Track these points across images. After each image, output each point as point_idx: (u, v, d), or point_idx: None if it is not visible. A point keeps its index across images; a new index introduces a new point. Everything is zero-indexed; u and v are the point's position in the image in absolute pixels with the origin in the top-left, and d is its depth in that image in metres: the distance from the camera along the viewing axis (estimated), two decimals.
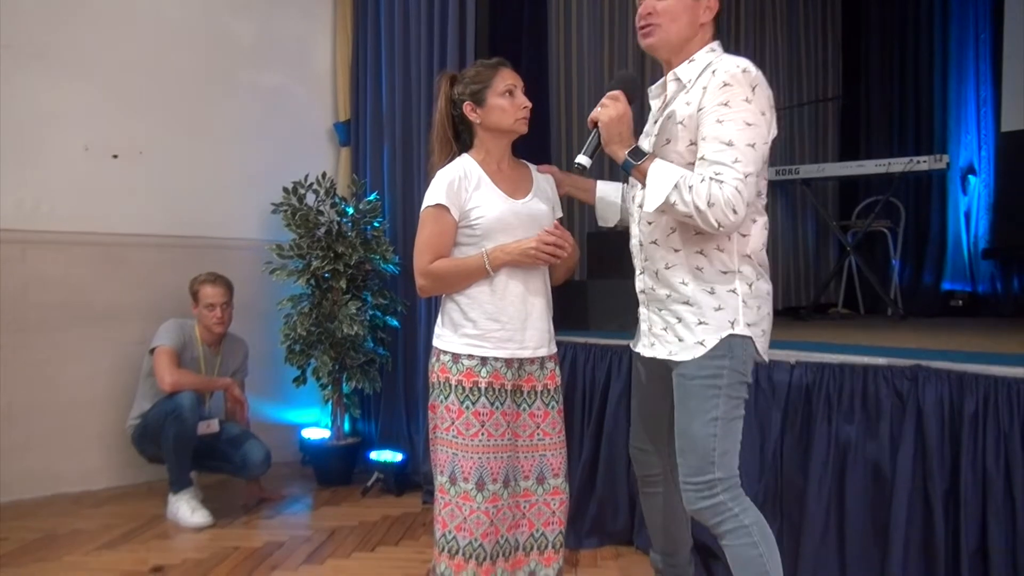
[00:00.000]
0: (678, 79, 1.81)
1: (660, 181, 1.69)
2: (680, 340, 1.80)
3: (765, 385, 2.44)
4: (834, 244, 5.92)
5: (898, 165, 4.84)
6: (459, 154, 2.09)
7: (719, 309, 1.76)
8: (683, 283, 1.79)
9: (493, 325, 2.00)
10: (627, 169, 1.76)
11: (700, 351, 1.76)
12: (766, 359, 1.85)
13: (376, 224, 3.79)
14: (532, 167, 2.18)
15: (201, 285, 3.43)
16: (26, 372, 3.52)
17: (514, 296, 2.02)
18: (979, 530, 2.01)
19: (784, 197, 5.73)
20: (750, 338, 1.77)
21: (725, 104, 1.66)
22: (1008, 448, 1.98)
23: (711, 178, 1.63)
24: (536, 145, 3.31)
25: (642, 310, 1.94)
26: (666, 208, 1.69)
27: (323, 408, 4.09)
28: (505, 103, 2.03)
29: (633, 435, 2.09)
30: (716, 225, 1.64)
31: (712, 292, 1.77)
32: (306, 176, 3.81)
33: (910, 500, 2.10)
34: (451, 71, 2.23)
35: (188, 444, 3.22)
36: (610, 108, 1.77)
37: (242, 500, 3.48)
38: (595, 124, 1.80)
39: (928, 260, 5.59)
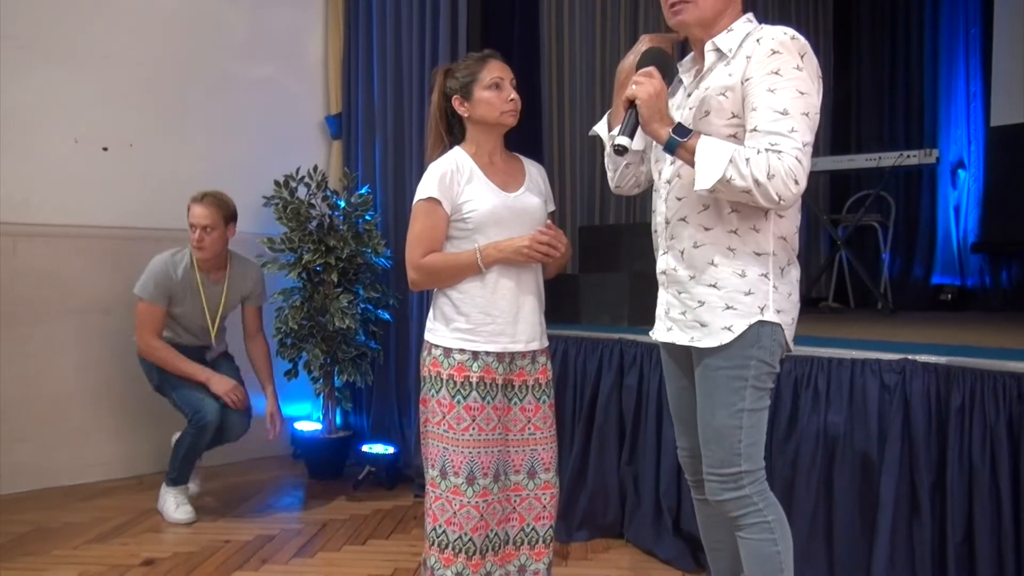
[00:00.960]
0: (717, 49, 1.70)
1: (712, 157, 1.56)
2: (703, 325, 1.70)
3: None
4: (825, 238, 5.94)
5: (888, 159, 4.86)
6: (451, 148, 2.10)
7: (749, 293, 1.67)
8: (712, 263, 1.69)
9: (485, 319, 2.00)
10: (672, 148, 1.62)
11: (727, 337, 1.67)
12: (792, 348, 1.75)
13: (368, 217, 3.79)
14: (525, 160, 2.19)
15: (191, 203, 3.18)
16: (16, 365, 3.51)
17: (506, 291, 2.02)
18: (965, 521, 2.03)
19: None
20: (779, 325, 1.68)
21: (776, 72, 1.57)
22: (994, 441, 2.00)
23: (767, 149, 1.53)
24: (529, 137, 3.32)
25: (660, 292, 1.84)
26: (721, 186, 1.56)
27: (315, 401, 4.09)
28: (491, 96, 2.03)
29: (677, 435, 1.96)
30: (777, 199, 1.53)
31: (743, 275, 1.67)
32: (297, 169, 3.80)
33: (897, 491, 2.12)
34: (445, 65, 2.22)
35: (199, 452, 3.21)
36: (646, 84, 1.63)
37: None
38: (631, 103, 1.65)
39: (918, 254, 5.63)
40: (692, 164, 1.60)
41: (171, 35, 3.88)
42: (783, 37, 1.60)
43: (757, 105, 1.58)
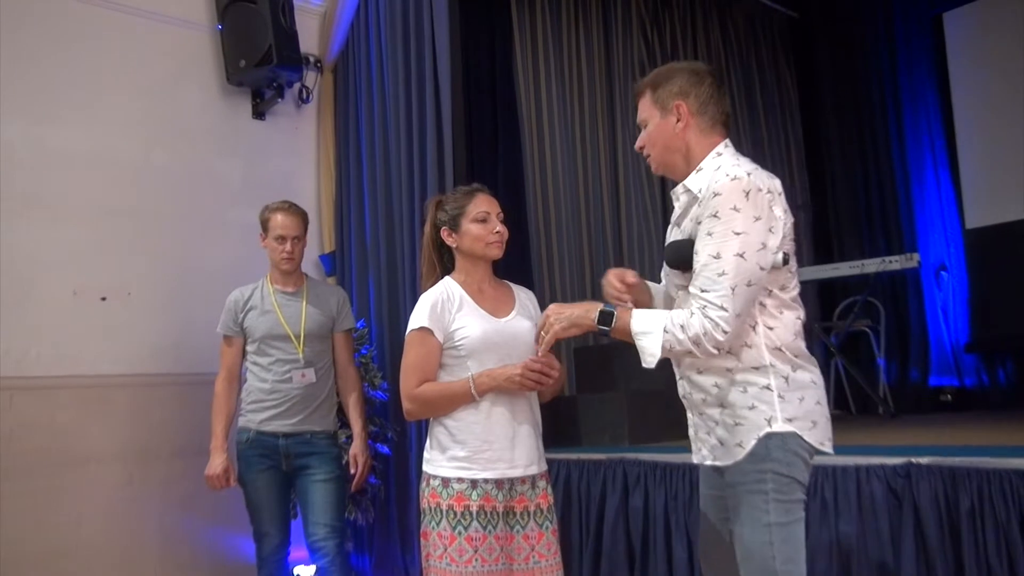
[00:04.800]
0: (688, 190, 1.80)
1: (648, 333, 1.69)
2: (721, 444, 1.75)
3: None
4: (818, 346, 5.96)
5: (871, 265, 4.97)
6: (443, 276, 2.16)
7: (752, 408, 1.70)
8: (715, 385, 1.75)
9: (481, 446, 2.00)
10: (604, 331, 1.75)
11: (739, 454, 1.70)
12: (830, 449, 1.75)
13: (364, 352, 3.81)
14: (514, 286, 2.24)
15: (272, 213, 3.03)
16: (15, 519, 3.39)
17: (500, 417, 2.03)
18: None
19: None
20: (792, 434, 1.69)
21: (715, 215, 1.67)
22: (1009, 542, 1.96)
23: (700, 309, 1.65)
24: (517, 263, 3.41)
25: (688, 415, 1.89)
26: (668, 356, 1.70)
27: None
28: (477, 229, 2.11)
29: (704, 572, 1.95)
30: (715, 351, 1.65)
31: (745, 391, 1.71)
32: None
33: None
34: (437, 196, 2.29)
35: None
36: (552, 315, 1.83)
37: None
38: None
39: (913, 357, 5.63)
40: (632, 342, 1.71)
41: (167, 185, 3.98)
42: (724, 180, 1.68)
43: (698, 248, 1.69)
